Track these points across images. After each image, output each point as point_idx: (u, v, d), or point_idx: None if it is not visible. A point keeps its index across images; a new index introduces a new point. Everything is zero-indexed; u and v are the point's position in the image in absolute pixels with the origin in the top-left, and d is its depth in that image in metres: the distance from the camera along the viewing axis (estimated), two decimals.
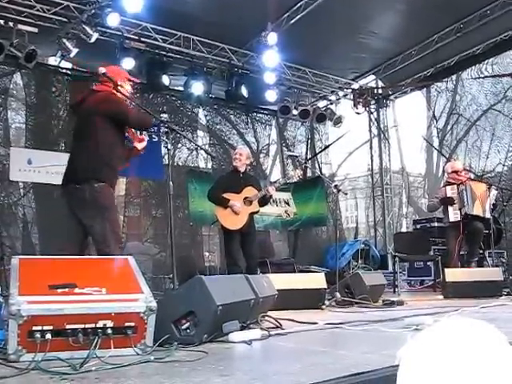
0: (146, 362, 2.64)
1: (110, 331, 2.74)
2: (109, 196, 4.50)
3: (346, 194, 7.62)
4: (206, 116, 12.93)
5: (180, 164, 12.36)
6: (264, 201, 7.42)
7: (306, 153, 14.12)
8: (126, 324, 2.80)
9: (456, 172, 8.47)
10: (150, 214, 11.70)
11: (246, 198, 7.25)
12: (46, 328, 2.62)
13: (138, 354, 2.79)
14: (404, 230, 15.68)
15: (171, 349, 2.91)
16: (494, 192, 8.29)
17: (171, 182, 4.14)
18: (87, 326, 2.71)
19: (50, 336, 2.61)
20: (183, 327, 3.17)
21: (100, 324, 2.74)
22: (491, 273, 7.34)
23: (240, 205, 7.18)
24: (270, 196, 7.41)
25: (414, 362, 1.18)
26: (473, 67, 11.96)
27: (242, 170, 7.40)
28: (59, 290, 2.78)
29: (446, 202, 8.32)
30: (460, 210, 8.15)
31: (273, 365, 2.66)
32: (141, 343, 2.85)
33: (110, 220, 4.47)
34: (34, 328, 2.60)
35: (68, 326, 2.67)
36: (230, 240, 7.25)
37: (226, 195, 7.20)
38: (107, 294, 2.86)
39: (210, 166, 12.99)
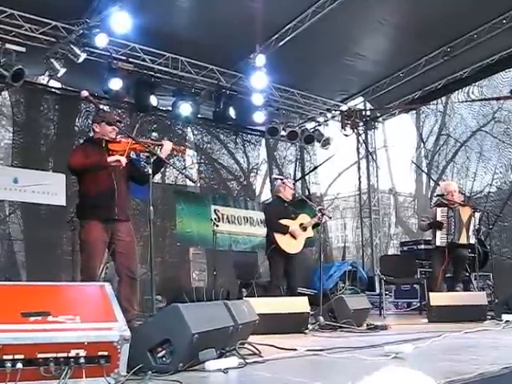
0: None
1: (82, 360, 2.70)
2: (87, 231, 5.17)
3: (330, 217, 7.68)
4: (195, 135, 12.94)
5: (170, 183, 12.35)
6: (317, 226, 7.83)
7: (295, 173, 14.14)
8: (99, 353, 2.76)
9: (450, 193, 8.40)
10: (138, 233, 11.63)
11: (301, 225, 7.73)
12: (17, 357, 2.57)
13: None
14: (392, 250, 15.70)
15: (145, 378, 2.88)
16: (477, 215, 8.30)
17: (151, 207, 4.11)
18: (59, 355, 2.66)
19: (20, 365, 2.56)
20: (159, 355, 3.14)
21: (72, 353, 2.69)
22: (476, 297, 7.32)
23: (300, 230, 7.68)
24: (319, 223, 7.72)
25: None
26: (461, 90, 12.06)
27: (290, 198, 7.99)
28: (32, 319, 2.74)
29: (435, 225, 8.26)
30: (447, 235, 8.14)
31: None
32: (114, 372, 2.81)
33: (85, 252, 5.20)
34: (5, 357, 2.55)
35: (39, 356, 2.63)
36: (277, 264, 7.72)
37: (283, 221, 7.65)
38: (81, 323, 2.82)
39: (198, 184, 12.92)
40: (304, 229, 7.76)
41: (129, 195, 5.53)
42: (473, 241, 8.12)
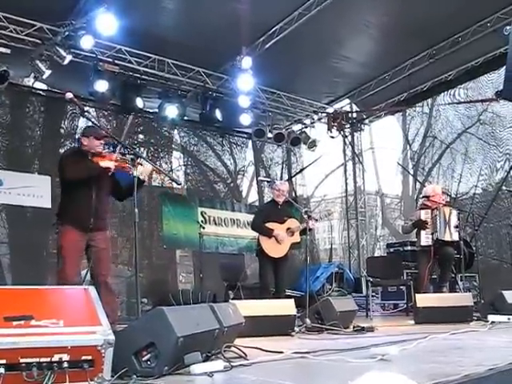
0: None
1: (65, 365, 2.68)
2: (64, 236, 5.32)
3: (316, 220, 7.65)
4: (181, 137, 12.89)
5: (156, 185, 12.26)
6: (304, 232, 7.67)
7: (281, 175, 14.13)
8: (83, 357, 2.74)
9: (435, 196, 8.44)
10: (125, 235, 11.51)
11: (288, 229, 7.66)
12: None
13: None
14: (379, 252, 15.71)
15: (129, 382, 2.85)
16: (454, 212, 8.31)
17: (136, 210, 4.09)
18: (42, 359, 2.64)
19: (3, 370, 2.54)
20: (144, 359, 3.11)
21: (56, 358, 2.67)
22: (462, 298, 7.35)
23: (284, 234, 7.59)
24: (311, 229, 7.62)
25: None
26: (446, 92, 12.12)
27: (281, 201, 7.83)
28: (14, 323, 2.71)
29: (419, 225, 8.32)
30: (432, 234, 8.17)
31: None
32: (98, 377, 2.78)
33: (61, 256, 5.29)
34: None
35: (22, 360, 2.60)
36: (265, 266, 7.68)
37: (269, 225, 7.62)
38: (64, 327, 2.79)
39: (185, 186, 12.86)
40: (291, 233, 7.69)
41: (108, 207, 5.65)
42: (456, 237, 8.16)
